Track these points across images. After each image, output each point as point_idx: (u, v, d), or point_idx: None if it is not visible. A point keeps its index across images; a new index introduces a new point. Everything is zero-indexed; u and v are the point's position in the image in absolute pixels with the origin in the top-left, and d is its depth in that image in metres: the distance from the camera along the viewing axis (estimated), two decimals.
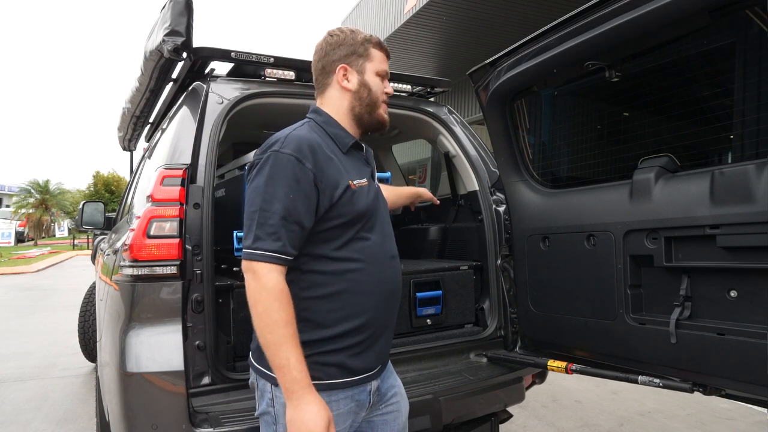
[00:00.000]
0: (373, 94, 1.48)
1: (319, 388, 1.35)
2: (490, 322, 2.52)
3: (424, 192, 2.27)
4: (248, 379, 1.53)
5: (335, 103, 1.49)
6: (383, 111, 1.51)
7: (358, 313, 1.39)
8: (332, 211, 1.35)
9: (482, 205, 2.57)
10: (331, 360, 1.37)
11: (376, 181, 1.54)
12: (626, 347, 1.93)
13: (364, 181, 1.43)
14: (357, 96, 1.48)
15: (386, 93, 1.52)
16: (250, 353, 1.48)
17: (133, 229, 1.80)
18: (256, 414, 1.46)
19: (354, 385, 1.41)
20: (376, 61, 1.50)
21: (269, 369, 1.35)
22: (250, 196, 1.34)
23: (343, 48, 1.48)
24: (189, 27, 2.03)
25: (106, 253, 2.66)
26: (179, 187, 1.83)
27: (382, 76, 1.50)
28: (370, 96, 1.48)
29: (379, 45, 1.51)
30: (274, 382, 1.35)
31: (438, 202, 2.35)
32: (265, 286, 1.27)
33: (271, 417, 1.40)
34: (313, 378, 1.34)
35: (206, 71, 2.31)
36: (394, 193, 2.16)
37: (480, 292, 2.62)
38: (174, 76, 2.51)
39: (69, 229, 28.32)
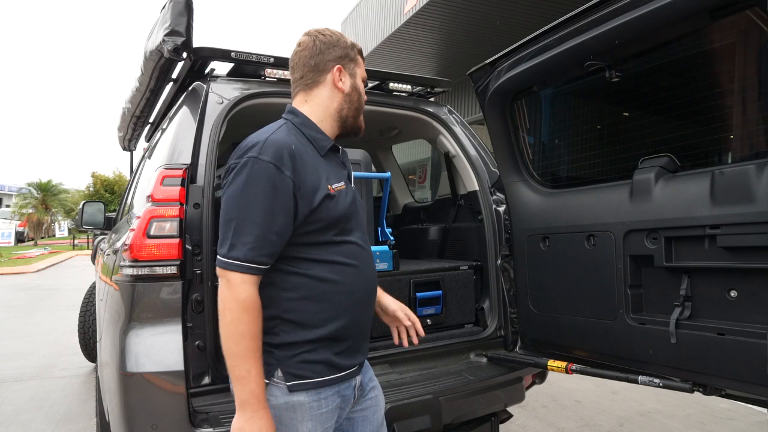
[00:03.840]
0: (361, 99, 1.50)
1: (308, 387, 1.35)
2: (490, 322, 2.52)
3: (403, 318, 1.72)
4: None
5: (323, 102, 1.46)
6: (362, 117, 1.53)
7: (341, 313, 1.39)
8: (311, 216, 1.33)
9: (482, 205, 2.57)
10: (318, 358, 1.37)
11: (352, 183, 1.53)
12: (626, 347, 1.93)
13: (341, 185, 1.42)
14: (348, 99, 1.47)
15: (365, 100, 1.54)
16: None
17: (133, 229, 1.80)
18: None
19: (340, 381, 1.42)
20: (362, 68, 1.51)
21: None
22: (226, 202, 1.30)
23: (338, 49, 1.46)
24: (189, 27, 2.03)
25: (106, 253, 2.66)
26: (179, 187, 1.83)
27: (365, 83, 1.53)
28: (359, 100, 1.49)
29: (361, 52, 1.53)
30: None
31: (416, 341, 1.72)
32: (237, 296, 1.25)
33: None
34: (301, 377, 1.34)
35: (206, 71, 2.31)
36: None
37: (480, 292, 2.62)
38: (174, 76, 2.51)
39: (69, 229, 28.31)
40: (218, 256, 1.28)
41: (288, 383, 1.34)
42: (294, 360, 1.34)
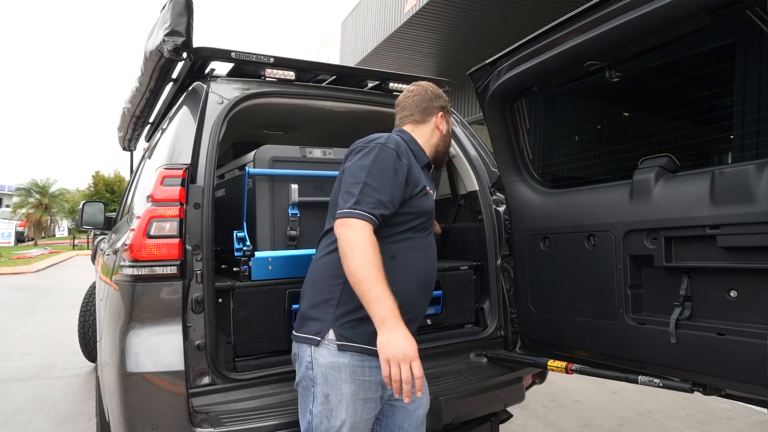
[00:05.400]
0: (450, 141, 1.94)
1: (354, 350, 1.53)
2: (490, 322, 2.52)
3: None
4: (248, 378, 1.77)
5: (425, 135, 1.83)
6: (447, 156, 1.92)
7: (399, 290, 1.52)
8: (410, 201, 1.63)
9: (482, 205, 2.57)
10: (369, 329, 1.47)
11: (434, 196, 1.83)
12: (626, 347, 1.93)
13: (432, 191, 1.75)
14: (444, 139, 1.87)
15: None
16: (293, 329, 1.66)
17: (133, 229, 1.80)
18: (294, 384, 1.65)
19: None
20: (451, 119, 1.94)
21: (310, 333, 1.56)
22: (353, 170, 1.59)
23: (441, 100, 1.88)
24: (189, 27, 2.03)
25: (106, 253, 2.66)
26: (179, 187, 1.83)
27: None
28: (449, 141, 1.92)
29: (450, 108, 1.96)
30: (316, 343, 1.55)
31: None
32: (363, 234, 1.47)
33: (310, 379, 1.55)
34: (348, 339, 1.51)
35: (206, 71, 2.31)
36: None
37: (480, 292, 2.62)
38: (174, 76, 2.51)
39: (69, 230, 28.30)
40: (342, 210, 1.52)
41: (338, 342, 1.53)
42: (347, 323, 1.53)
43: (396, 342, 1.39)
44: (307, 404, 1.58)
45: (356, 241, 1.46)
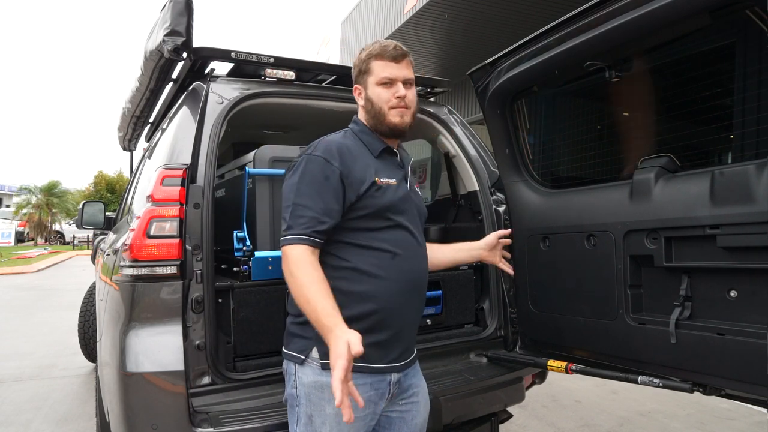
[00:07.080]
0: (376, 105, 1.59)
1: None
2: (490, 322, 2.52)
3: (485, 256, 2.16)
4: (248, 378, 1.76)
5: (362, 117, 1.65)
6: (393, 116, 1.58)
7: (374, 300, 1.47)
8: (359, 202, 1.49)
9: (482, 205, 2.57)
10: None
11: (408, 184, 1.65)
12: (626, 347, 1.93)
13: (392, 181, 1.57)
14: (366, 110, 1.62)
15: (397, 97, 1.57)
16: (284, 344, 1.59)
17: (133, 229, 1.80)
18: (283, 400, 1.58)
19: (373, 372, 1.47)
20: (376, 72, 1.58)
21: (295, 351, 1.50)
22: (285, 192, 1.51)
23: (354, 71, 1.65)
24: (189, 27, 2.03)
25: (106, 253, 2.66)
26: (179, 187, 1.83)
27: (384, 83, 1.57)
28: (373, 107, 1.59)
29: (380, 55, 1.58)
30: (300, 362, 1.48)
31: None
32: (291, 257, 1.41)
33: (294, 398, 1.49)
34: None
35: (206, 71, 2.31)
36: (453, 249, 2.07)
37: (480, 292, 2.62)
38: (174, 76, 2.51)
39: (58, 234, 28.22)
40: (280, 237, 1.46)
41: (321, 360, 1.44)
42: None
43: (339, 337, 1.30)
44: (292, 423, 1.53)
45: (288, 268, 1.41)
